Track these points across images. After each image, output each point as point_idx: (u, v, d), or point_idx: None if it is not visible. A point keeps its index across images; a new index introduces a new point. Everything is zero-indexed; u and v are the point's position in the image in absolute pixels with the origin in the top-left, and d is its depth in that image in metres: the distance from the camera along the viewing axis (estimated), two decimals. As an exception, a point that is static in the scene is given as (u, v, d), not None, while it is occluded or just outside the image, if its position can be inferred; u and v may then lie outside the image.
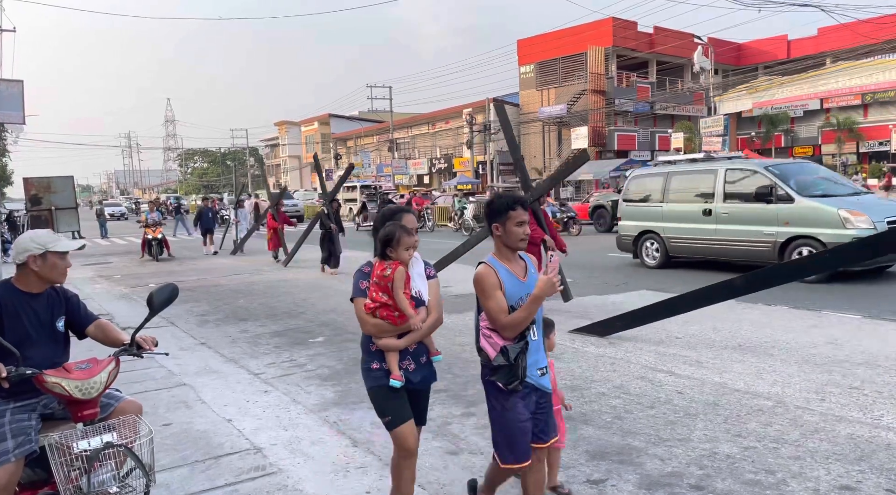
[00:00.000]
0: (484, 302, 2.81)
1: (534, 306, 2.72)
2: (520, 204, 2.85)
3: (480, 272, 2.84)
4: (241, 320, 8.63)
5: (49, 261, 2.90)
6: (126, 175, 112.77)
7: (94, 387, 2.70)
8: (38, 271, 2.91)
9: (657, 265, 12.01)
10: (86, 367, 2.76)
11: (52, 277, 2.95)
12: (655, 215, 12.03)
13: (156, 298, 2.98)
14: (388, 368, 2.98)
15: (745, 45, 47.82)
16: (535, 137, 46.34)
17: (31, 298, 2.96)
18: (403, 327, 2.97)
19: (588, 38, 41.56)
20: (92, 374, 2.72)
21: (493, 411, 2.87)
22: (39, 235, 2.94)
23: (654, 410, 4.62)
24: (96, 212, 31.87)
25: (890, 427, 4.15)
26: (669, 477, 3.58)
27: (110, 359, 2.85)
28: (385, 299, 2.95)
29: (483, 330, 2.87)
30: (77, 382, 2.67)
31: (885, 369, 5.34)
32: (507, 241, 2.87)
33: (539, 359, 2.87)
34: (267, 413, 4.91)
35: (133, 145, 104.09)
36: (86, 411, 2.72)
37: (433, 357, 3.13)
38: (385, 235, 2.97)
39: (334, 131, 63.91)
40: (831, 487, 3.39)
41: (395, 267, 2.95)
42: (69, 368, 2.74)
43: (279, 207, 16.59)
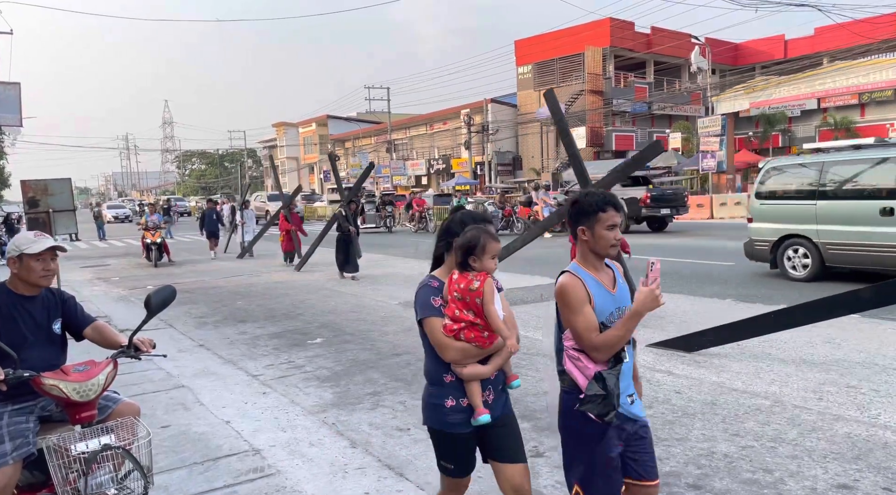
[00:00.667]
0: (570, 318, 2.45)
1: (632, 323, 2.36)
2: (612, 204, 2.48)
3: (565, 283, 2.46)
4: (240, 322, 8.62)
5: (24, 263, 2.91)
6: (124, 177, 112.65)
7: (92, 390, 2.70)
8: (17, 274, 2.94)
9: (807, 277, 9.82)
10: (83, 370, 2.75)
11: (29, 280, 2.94)
12: (805, 216, 9.78)
13: (153, 300, 2.97)
14: (471, 403, 2.56)
15: (742, 45, 47.90)
16: (532, 138, 46.38)
17: (26, 301, 2.97)
18: (491, 350, 2.58)
19: (585, 39, 41.60)
20: (90, 376, 2.71)
21: (577, 446, 2.47)
22: (17, 238, 2.97)
23: (651, 410, 4.62)
24: (94, 215, 31.84)
25: (887, 426, 4.17)
26: (667, 476, 3.59)
27: (108, 362, 2.85)
28: (471, 317, 2.53)
29: (568, 350, 2.52)
30: (75, 384, 2.66)
31: (882, 368, 5.35)
32: (595, 247, 2.48)
33: (628, 384, 2.53)
34: (265, 414, 4.91)
35: (131, 147, 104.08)
36: (83, 413, 2.72)
37: (512, 381, 2.75)
38: (467, 242, 2.54)
39: (332, 132, 63.88)
40: (829, 486, 3.40)
41: (484, 278, 2.54)
42: (67, 370, 2.74)
43: (292, 209, 15.97)
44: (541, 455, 3.95)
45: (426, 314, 2.59)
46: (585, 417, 2.37)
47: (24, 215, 11.92)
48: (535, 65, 45.32)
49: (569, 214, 2.57)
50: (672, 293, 9.24)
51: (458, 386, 2.58)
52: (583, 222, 2.48)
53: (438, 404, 2.62)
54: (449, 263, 2.69)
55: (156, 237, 16.09)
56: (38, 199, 9.52)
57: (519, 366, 5.86)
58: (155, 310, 2.98)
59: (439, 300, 2.60)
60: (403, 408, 4.91)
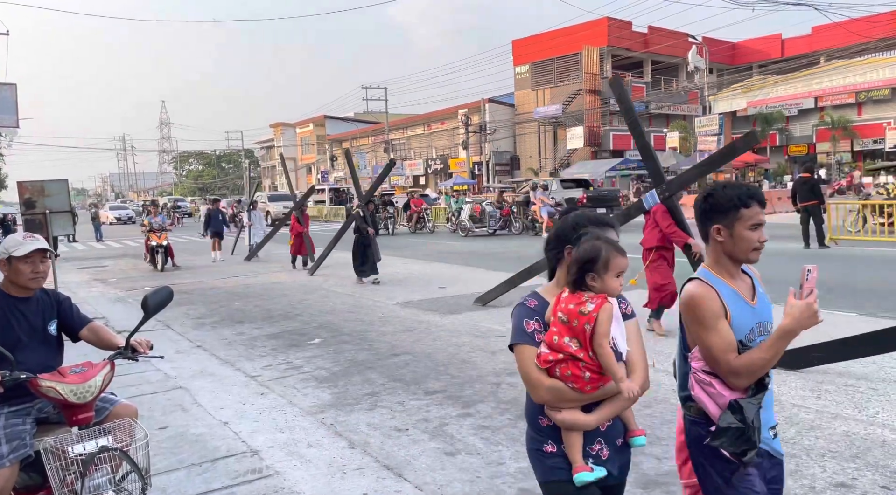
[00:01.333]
0: (702, 336, 2.04)
1: (782, 344, 1.97)
2: (756, 199, 2.07)
3: (695, 293, 2.06)
4: (238, 323, 8.61)
5: (13, 266, 2.91)
6: (121, 178, 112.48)
7: (89, 391, 2.69)
8: (8, 276, 2.94)
9: None
10: (80, 371, 2.74)
11: (18, 282, 2.93)
12: None
13: (150, 301, 2.95)
14: (569, 457, 2.03)
15: (740, 44, 47.98)
16: (530, 138, 46.41)
17: (20, 302, 2.97)
18: (596, 395, 2.02)
19: (583, 38, 41.64)
20: (87, 378, 2.70)
21: (710, 488, 2.09)
22: (6, 241, 2.98)
23: (650, 409, 4.62)
24: (91, 216, 31.67)
25: (885, 424, 4.17)
26: (665, 475, 3.59)
27: (105, 363, 2.84)
28: (574, 349, 1.98)
29: (697, 373, 2.10)
30: (72, 386, 2.65)
31: (879, 367, 5.36)
32: (733, 250, 2.09)
33: (770, 415, 2.13)
34: (263, 415, 4.91)
35: (128, 148, 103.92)
36: (81, 415, 2.71)
37: (633, 438, 2.16)
38: (585, 255, 2.03)
39: (329, 132, 63.86)
40: (827, 484, 3.40)
41: (601, 302, 2.01)
42: (64, 372, 2.73)
43: (304, 210, 15.22)
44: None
45: (517, 340, 2.08)
46: (719, 456, 2.01)
47: (19, 216, 11.90)
48: (533, 64, 45.35)
49: (700, 210, 2.15)
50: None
51: (557, 431, 2.06)
52: (718, 220, 2.09)
53: (536, 449, 2.11)
54: (560, 278, 2.17)
55: (162, 239, 14.97)
56: (34, 201, 9.49)
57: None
58: (152, 311, 2.97)
59: (536, 324, 2.08)
60: (402, 409, 4.91)
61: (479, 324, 7.80)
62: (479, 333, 7.29)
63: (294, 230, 14.73)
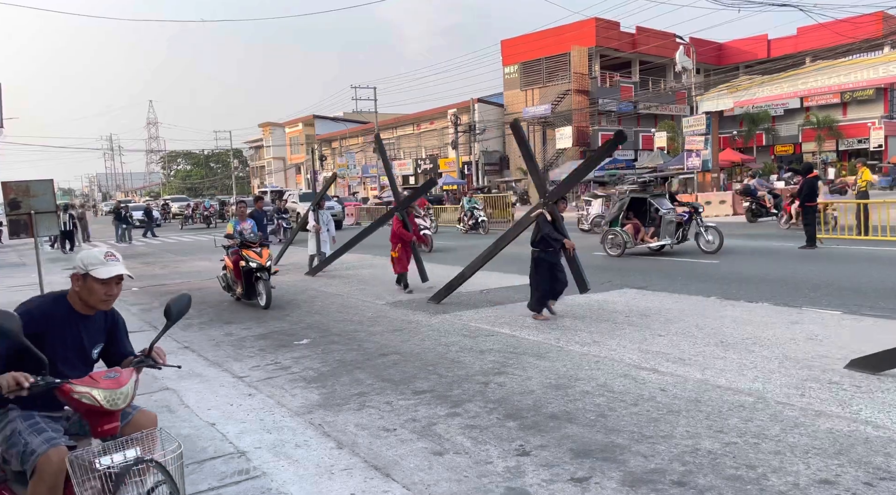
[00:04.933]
0: None
1: None
2: None
3: None
4: (226, 323, 8.57)
5: (88, 284, 2.74)
6: (108, 178, 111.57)
7: (121, 398, 2.55)
8: (78, 292, 2.78)
9: None
10: (114, 377, 2.59)
11: (90, 301, 2.77)
12: None
13: (173, 308, 2.89)
14: None
15: (726, 44, 48.33)
16: (519, 137, 46.46)
17: (81, 319, 2.82)
18: None
19: (571, 39, 41.78)
20: (120, 384, 2.56)
21: None
22: (89, 255, 2.77)
23: (637, 408, 4.65)
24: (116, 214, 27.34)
25: (868, 421, 4.22)
26: (652, 473, 3.61)
27: (132, 370, 2.71)
28: None
29: None
30: (106, 392, 2.51)
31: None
32: None
33: None
34: (251, 416, 4.89)
35: (115, 148, 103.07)
36: (108, 425, 2.56)
37: None
38: None
39: (319, 132, 63.68)
40: (811, 481, 3.44)
41: None
42: (97, 377, 2.58)
43: (410, 212, 11.19)
44: (527, 453, 3.96)
45: None
46: None
47: (3, 217, 11.76)
48: (522, 64, 45.45)
49: None
50: (656, 291, 9.31)
51: None
52: None
53: None
54: None
55: (264, 258, 9.46)
56: (19, 201, 9.39)
57: (506, 364, 5.89)
58: (175, 318, 2.90)
59: None
60: (390, 409, 4.91)
61: (468, 323, 7.81)
62: (468, 333, 7.30)
63: (398, 237, 10.44)
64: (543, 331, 7.19)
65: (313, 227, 13.36)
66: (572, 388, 5.17)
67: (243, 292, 9.71)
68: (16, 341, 2.43)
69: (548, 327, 7.40)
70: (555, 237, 7.65)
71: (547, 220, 7.74)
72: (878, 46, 34.97)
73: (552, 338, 6.86)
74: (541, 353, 6.26)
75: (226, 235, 10.00)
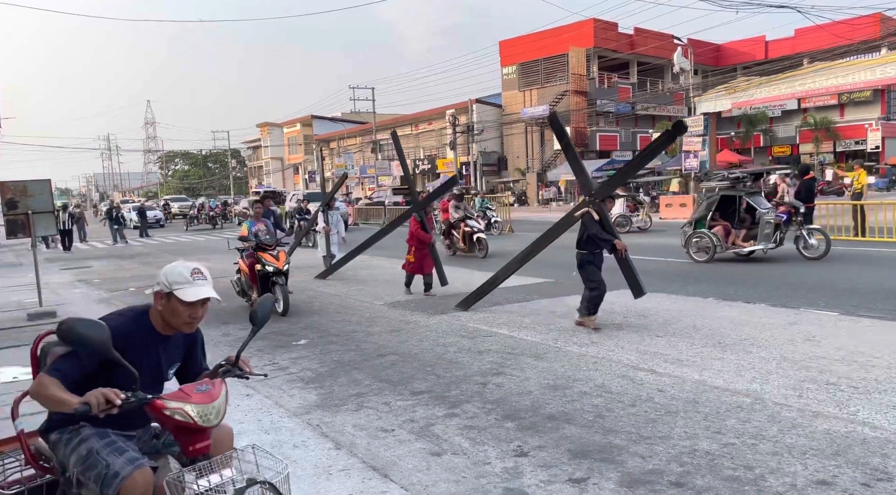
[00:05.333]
0: None
1: None
2: None
3: None
4: (223, 323, 8.56)
5: (171, 304, 2.47)
6: (105, 178, 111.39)
7: (213, 413, 2.34)
8: (160, 311, 2.52)
9: None
10: (206, 389, 2.37)
11: (172, 322, 2.51)
12: None
13: (259, 314, 2.70)
14: None
15: (724, 46, 48.43)
16: (517, 138, 46.53)
17: (161, 340, 2.58)
18: None
19: (569, 40, 41.83)
20: (212, 398, 2.35)
21: None
22: (174, 271, 2.50)
23: (635, 408, 4.66)
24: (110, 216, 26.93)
25: (865, 422, 4.23)
26: (650, 474, 3.62)
27: (221, 382, 2.48)
28: None
29: None
30: (199, 407, 2.29)
31: (860, 365, 5.43)
32: None
33: None
34: (249, 416, 4.88)
35: (112, 148, 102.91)
36: (200, 443, 2.34)
37: None
38: None
39: (317, 132, 63.64)
40: (808, 482, 3.44)
41: None
42: (188, 391, 2.35)
43: (427, 212, 10.80)
44: (525, 454, 3.96)
45: None
46: None
47: (1, 217, 11.73)
48: (520, 65, 45.49)
49: None
50: (655, 292, 9.31)
51: None
52: None
53: None
54: None
55: (280, 261, 8.86)
56: (16, 201, 9.38)
57: (504, 365, 5.89)
58: (261, 323, 2.69)
59: None
60: (388, 409, 4.90)
61: (466, 324, 7.81)
62: (466, 333, 7.30)
63: (416, 238, 10.13)
64: (541, 332, 7.19)
65: (323, 229, 13.06)
66: (570, 389, 5.17)
67: (259, 295, 9.04)
68: (104, 353, 2.22)
69: (545, 328, 7.40)
70: (604, 237, 7.08)
71: (594, 220, 7.17)
72: (876, 48, 35.06)
73: (550, 338, 6.87)
74: (539, 354, 6.26)
75: (240, 237, 9.36)
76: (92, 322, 2.23)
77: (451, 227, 15.83)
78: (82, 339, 2.19)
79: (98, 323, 2.25)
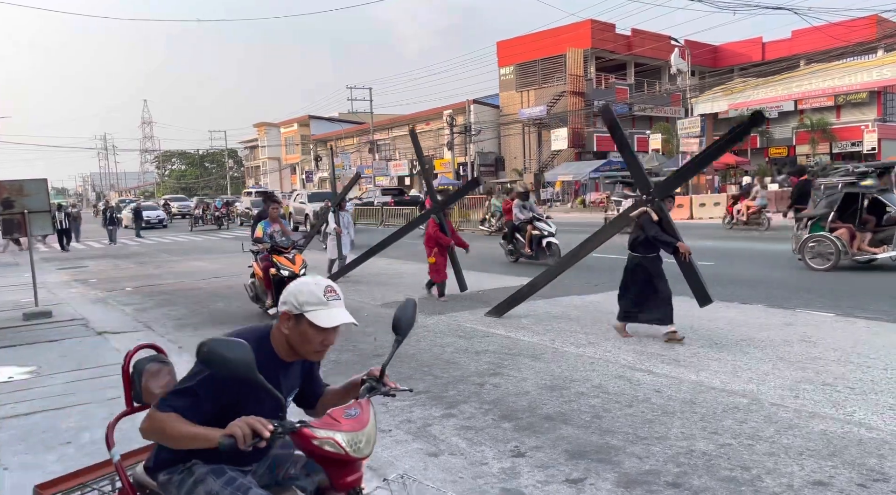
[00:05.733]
0: None
1: None
2: None
3: None
4: (220, 324, 8.54)
5: (301, 328, 2.10)
6: (102, 177, 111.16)
7: (364, 442, 2.03)
8: (287, 336, 2.14)
9: None
10: (355, 414, 2.06)
11: (299, 349, 2.15)
12: None
13: (402, 321, 2.40)
14: None
15: (721, 47, 48.49)
16: (515, 139, 46.54)
17: (283, 368, 2.22)
18: None
19: (567, 40, 41.86)
20: (363, 424, 2.03)
21: None
22: (305, 289, 2.11)
23: (632, 409, 4.66)
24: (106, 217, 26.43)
25: (862, 423, 4.24)
26: (647, 474, 3.62)
27: (368, 403, 2.17)
28: None
29: None
30: (350, 435, 1.98)
31: (856, 366, 5.44)
32: None
33: None
34: (246, 417, 4.87)
35: (109, 147, 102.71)
36: (351, 475, 2.06)
37: None
38: None
39: (314, 132, 63.57)
40: (805, 482, 3.45)
41: None
42: (337, 416, 2.03)
43: (446, 212, 10.40)
44: (522, 454, 3.96)
45: None
46: None
47: None
48: (517, 66, 45.50)
49: None
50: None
51: None
52: None
53: None
54: None
55: (297, 265, 8.35)
56: (12, 200, 9.34)
57: (501, 365, 5.89)
58: (405, 331, 2.39)
59: None
60: (385, 410, 4.90)
61: (464, 325, 7.81)
62: (463, 334, 7.30)
63: (434, 241, 9.65)
64: (538, 333, 7.20)
65: (334, 230, 12.61)
66: (567, 390, 5.17)
67: (274, 304, 8.35)
68: (249, 377, 1.90)
69: (543, 329, 7.40)
70: (665, 240, 6.45)
71: (652, 220, 6.51)
72: (872, 50, 35.17)
73: (547, 339, 6.87)
74: (536, 354, 6.27)
75: (254, 239, 8.83)
76: (235, 342, 1.91)
77: (516, 230, 13.88)
78: (227, 362, 1.87)
79: (241, 342, 1.92)
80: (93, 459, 2.67)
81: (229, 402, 2.05)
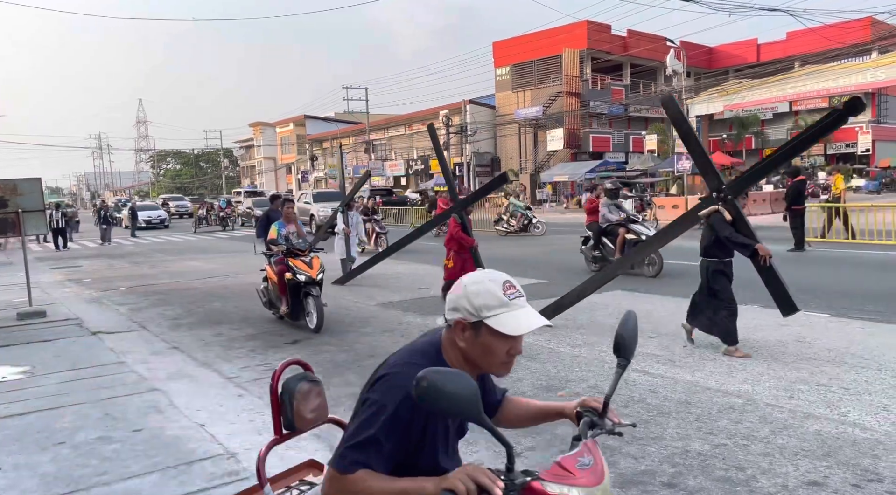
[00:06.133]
0: None
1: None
2: None
3: None
4: (216, 323, 8.52)
5: (482, 339, 1.68)
6: (96, 177, 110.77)
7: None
8: (463, 350, 1.73)
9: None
10: (588, 464, 1.69)
11: (482, 364, 1.74)
12: None
13: (626, 338, 1.96)
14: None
15: (717, 48, 48.64)
16: (511, 139, 46.58)
17: None
18: None
19: (563, 41, 41.92)
20: (599, 478, 1.66)
21: None
22: (482, 289, 1.69)
23: (627, 409, 4.66)
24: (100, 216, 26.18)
25: (856, 423, 4.25)
26: (642, 475, 3.62)
27: (595, 446, 1.79)
28: None
29: None
30: (587, 491, 1.61)
31: (851, 366, 5.46)
32: None
33: None
34: (241, 417, 4.86)
35: (104, 146, 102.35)
36: None
37: None
38: None
39: (310, 132, 63.48)
40: (799, 483, 3.46)
41: None
42: (569, 467, 1.65)
43: (467, 211, 9.80)
44: (517, 455, 3.96)
45: None
46: None
47: None
48: (514, 66, 45.55)
49: None
50: (648, 293, 9.33)
51: None
52: None
53: None
54: None
55: (314, 270, 7.91)
56: (6, 199, 9.30)
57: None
58: (631, 349, 1.96)
59: None
60: (381, 410, 4.89)
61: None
62: (459, 334, 7.28)
63: (455, 242, 8.96)
64: (534, 333, 7.16)
65: (343, 230, 12.28)
66: (563, 390, 5.17)
67: (289, 311, 8.02)
68: (473, 418, 1.49)
69: (539, 329, 7.39)
70: (741, 242, 5.83)
71: (724, 221, 5.89)
72: (867, 51, 35.33)
73: (543, 340, 6.87)
74: (532, 355, 6.27)
75: (269, 241, 8.41)
76: (456, 374, 1.47)
77: (603, 234, 11.80)
78: (451, 399, 1.44)
79: (462, 374, 1.47)
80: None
81: (411, 445, 1.69)
